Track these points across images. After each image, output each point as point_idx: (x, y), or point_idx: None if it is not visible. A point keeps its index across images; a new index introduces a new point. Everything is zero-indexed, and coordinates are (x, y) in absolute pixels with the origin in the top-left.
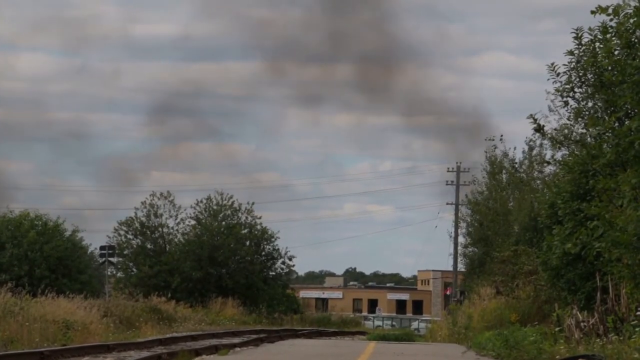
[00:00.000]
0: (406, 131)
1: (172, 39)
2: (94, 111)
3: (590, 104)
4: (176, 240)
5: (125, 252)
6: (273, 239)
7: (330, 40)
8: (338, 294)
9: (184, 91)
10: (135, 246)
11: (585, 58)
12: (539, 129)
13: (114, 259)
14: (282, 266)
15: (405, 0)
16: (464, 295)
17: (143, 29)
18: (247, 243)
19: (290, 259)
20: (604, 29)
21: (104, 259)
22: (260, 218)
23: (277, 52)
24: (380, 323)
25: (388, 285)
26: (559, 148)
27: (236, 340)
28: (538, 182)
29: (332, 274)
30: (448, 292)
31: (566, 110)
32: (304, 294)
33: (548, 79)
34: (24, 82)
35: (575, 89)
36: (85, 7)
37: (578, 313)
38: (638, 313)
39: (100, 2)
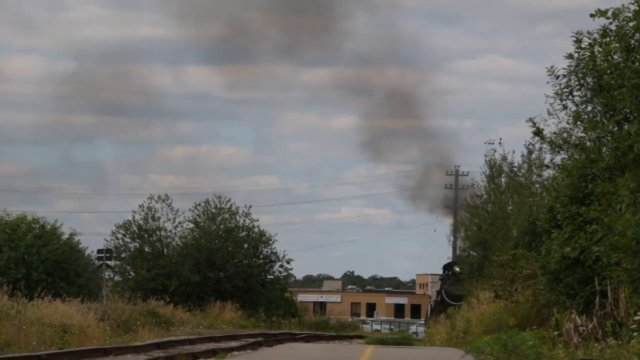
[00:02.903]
0: (405, 134)
1: (169, 40)
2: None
3: (589, 108)
4: (174, 243)
5: (123, 256)
6: (271, 242)
7: (329, 41)
8: (336, 298)
9: (177, 92)
10: (132, 249)
11: (584, 61)
12: (538, 132)
13: (111, 262)
14: (280, 269)
15: (403, 2)
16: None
17: (142, 30)
18: (245, 246)
19: (288, 262)
20: (604, 32)
21: (101, 262)
22: (257, 221)
23: (277, 53)
24: (378, 327)
25: (386, 289)
26: (558, 152)
27: (234, 343)
28: (537, 186)
29: (331, 278)
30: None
31: (565, 114)
32: (302, 297)
33: (548, 82)
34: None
35: (574, 92)
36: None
37: (577, 317)
38: (637, 317)
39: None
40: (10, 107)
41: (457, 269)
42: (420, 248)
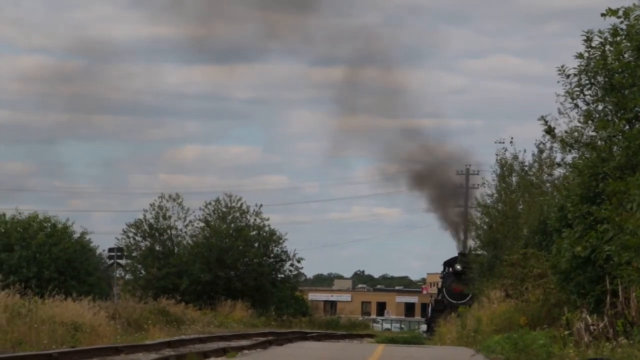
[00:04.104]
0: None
1: (177, 40)
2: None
3: (600, 107)
4: (185, 242)
5: (134, 254)
6: (281, 241)
7: (334, 41)
8: (347, 297)
9: (187, 91)
10: (143, 248)
11: (595, 60)
12: (549, 131)
13: (122, 261)
14: (291, 268)
15: (412, 2)
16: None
17: (151, 29)
18: (256, 245)
19: (298, 261)
20: (614, 31)
21: (112, 260)
22: (268, 220)
23: (284, 54)
24: (389, 326)
25: (397, 288)
26: (569, 151)
27: (244, 342)
28: (548, 185)
29: (341, 277)
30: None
31: (576, 113)
32: (312, 296)
33: (558, 81)
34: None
35: (585, 91)
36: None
37: (587, 316)
38: None
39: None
40: (18, 106)
41: (459, 266)
42: (430, 247)
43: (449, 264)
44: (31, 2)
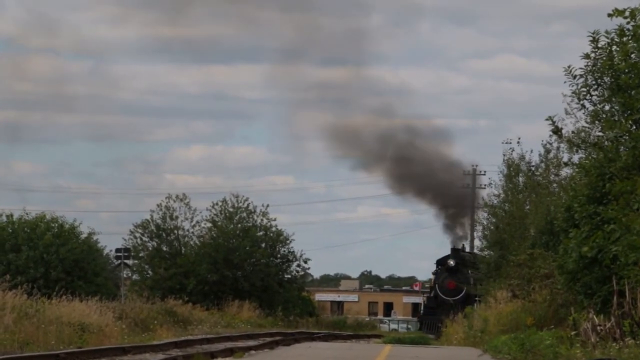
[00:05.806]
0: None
1: (183, 39)
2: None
3: (607, 107)
4: (192, 242)
5: (141, 255)
6: (288, 241)
7: (339, 41)
8: (353, 297)
9: (193, 91)
10: (150, 249)
11: (601, 61)
12: (556, 131)
13: (129, 262)
14: (298, 269)
15: (416, 2)
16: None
17: (158, 29)
18: (263, 245)
19: (305, 262)
20: (621, 31)
21: (119, 261)
22: (275, 220)
23: (292, 53)
24: (395, 326)
25: (404, 288)
26: (576, 151)
27: (252, 343)
28: (554, 185)
29: (348, 277)
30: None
31: (583, 114)
32: (319, 296)
33: (565, 82)
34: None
35: (592, 92)
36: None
37: (594, 317)
38: None
39: None
40: (26, 106)
41: (452, 262)
42: (437, 247)
43: (442, 262)
44: (34, 3)
